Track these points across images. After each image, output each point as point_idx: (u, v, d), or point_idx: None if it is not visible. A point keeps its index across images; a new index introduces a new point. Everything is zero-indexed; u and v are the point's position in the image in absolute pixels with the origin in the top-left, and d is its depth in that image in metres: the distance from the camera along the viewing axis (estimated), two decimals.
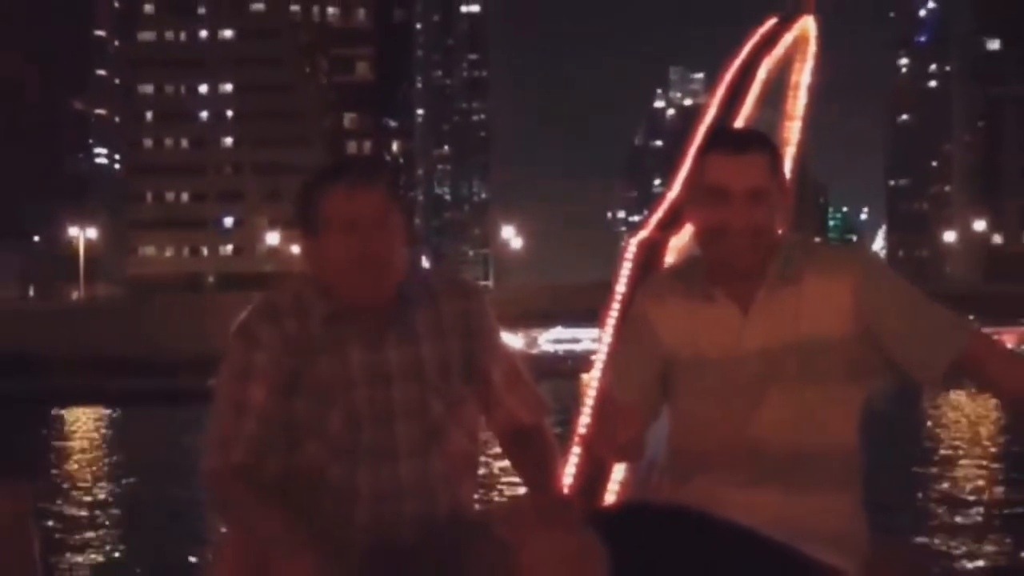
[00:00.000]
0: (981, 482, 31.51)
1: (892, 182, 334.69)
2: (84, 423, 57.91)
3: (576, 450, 5.74)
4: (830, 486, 3.72)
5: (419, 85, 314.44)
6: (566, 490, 4.30)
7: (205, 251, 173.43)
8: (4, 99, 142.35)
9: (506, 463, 4.36)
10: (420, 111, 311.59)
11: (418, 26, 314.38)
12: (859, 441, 3.79)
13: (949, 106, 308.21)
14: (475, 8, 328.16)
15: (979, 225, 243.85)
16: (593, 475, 4.49)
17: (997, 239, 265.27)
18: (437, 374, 3.99)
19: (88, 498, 29.47)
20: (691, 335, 3.75)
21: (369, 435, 3.94)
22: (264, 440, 3.89)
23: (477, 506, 4.32)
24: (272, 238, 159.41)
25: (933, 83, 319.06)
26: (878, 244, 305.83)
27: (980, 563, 19.50)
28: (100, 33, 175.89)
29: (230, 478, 3.85)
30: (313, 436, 3.94)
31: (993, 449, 40.07)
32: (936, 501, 26.55)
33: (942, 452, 38.87)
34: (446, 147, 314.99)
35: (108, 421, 59.16)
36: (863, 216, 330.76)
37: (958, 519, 24.35)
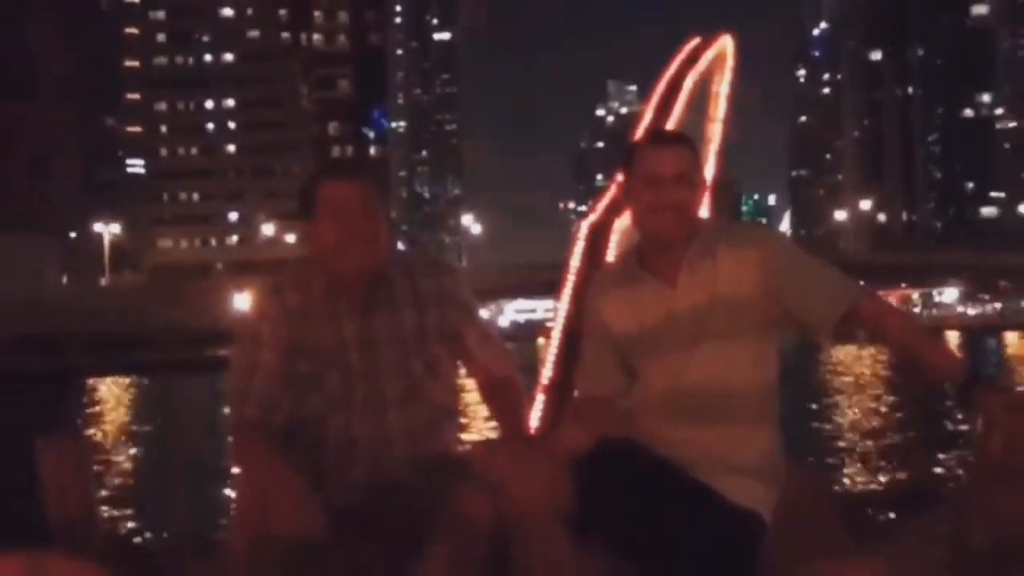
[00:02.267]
0: (872, 418, 31.61)
1: (794, 173, 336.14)
2: (110, 391, 57.53)
3: (541, 397, 5.75)
4: (752, 421, 3.78)
5: (400, 101, 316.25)
6: (533, 431, 4.32)
7: (213, 242, 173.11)
8: (48, 118, 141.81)
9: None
10: (402, 123, 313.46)
11: (399, 51, 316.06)
12: (776, 383, 3.86)
13: (839, 109, 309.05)
14: (446, 36, 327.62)
15: (866, 206, 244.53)
16: (555, 419, 4.51)
17: (881, 218, 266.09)
18: (416, 338, 4.05)
19: (116, 452, 29.25)
20: (632, 313, 3.83)
21: (362, 390, 4.02)
22: (273, 396, 3.97)
23: (461, 447, 4.39)
24: (268, 229, 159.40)
25: (826, 90, 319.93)
26: (784, 225, 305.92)
27: (872, 485, 19.56)
28: (133, 63, 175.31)
29: (245, 430, 3.92)
30: (314, 392, 4.02)
31: (878, 393, 40.20)
32: (834, 434, 26.66)
33: (837, 394, 38.92)
34: (424, 152, 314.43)
35: (132, 388, 58.73)
36: (771, 202, 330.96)
37: (854, 448, 24.48)
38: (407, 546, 3.68)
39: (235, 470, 4.22)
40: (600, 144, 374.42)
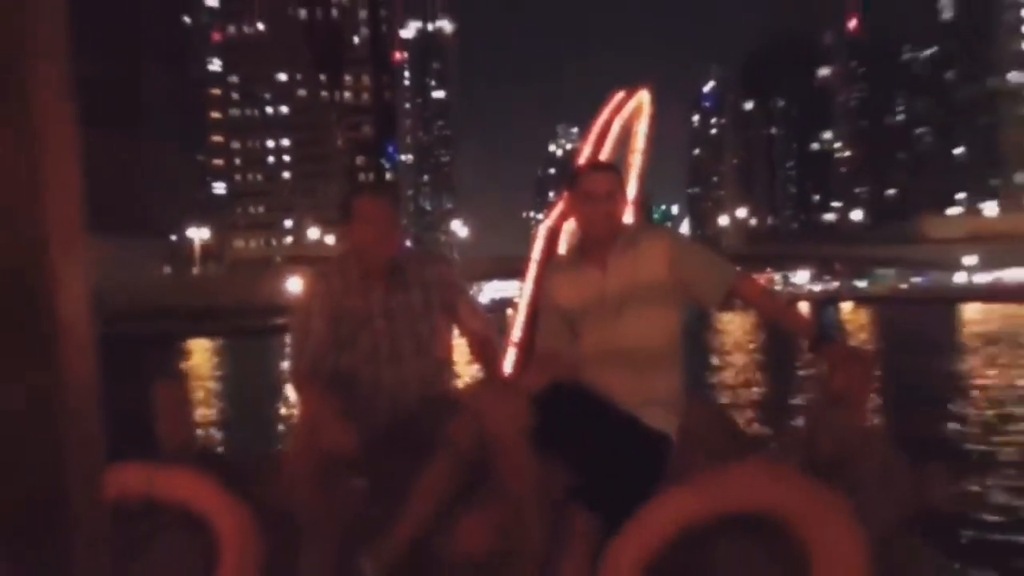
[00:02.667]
0: (745, 369, 31.64)
1: (690, 190, 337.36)
2: (199, 350, 57.40)
3: (512, 352, 5.76)
4: (662, 367, 3.81)
5: (408, 140, 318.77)
6: (506, 376, 4.36)
7: (274, 242, 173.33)
8: (157, 152, 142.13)
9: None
10: (410, 156, 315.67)
11: (407, 105, 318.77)
12: (679, 339, 3.90)
13: (722, 144, 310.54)
14: (442, 94, 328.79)
15: (742, 214, 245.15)
16: (522, 368, 4.54)
17: (753, 221, 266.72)
18: (422, 309, 4.14)
19: (205, 392, 29.09)
20: (575, 291, 3.87)
21: (385, 348, 4.09)
22: (320, 353, 4.04)
23: (454, 389, 4.44)
24: (313, 233, 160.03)
25: (713, 131, 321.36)
26: (684, 228, 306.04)
27: (748, 412, 19.60)
28: (216, 115, 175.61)
29: (303, 377, 3.99)
30: (351, 349, 4.08)
31: (752, 347, 40.30)
32: (722, 376, 26.70)
33: (723, 350, 38.97)
34: (425, 177, 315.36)
35: (215, 348, 58.63)
36: (674, 211, 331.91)
37: (736, 386, 24.52)
38: (417, 460, 3.70)
39: (295, 405, 4.29)
40: (552, 171, 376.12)
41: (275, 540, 3.40)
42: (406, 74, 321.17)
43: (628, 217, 4.47)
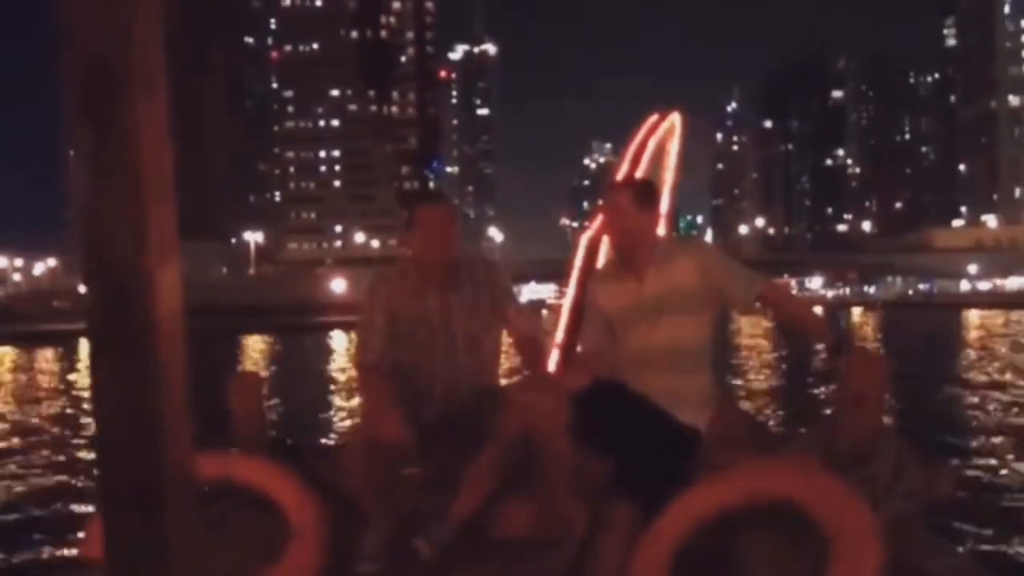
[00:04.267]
0: (766, 369, 31.47)
1: (714, 201, 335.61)
2: (255, 345, 57.62)
3: (555, 352, 5.75)
4: (694, 369, 3.84)
5: (455, 153, 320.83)
6: (550, 372, 4.40)
7: (325, 245, 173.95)
8: (219, 164, 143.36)
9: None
10: (456, 168, 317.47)
11: (455, 121, 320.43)
12: (711, 344, 3.93)
13: (744, 160, 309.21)
14: (486, 111, 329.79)
15: (761, 224, 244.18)
16: (565, 366, 4.55)
17: (771, 231, 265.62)
18: (474, 309, 4.17)
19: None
20: (617, 298, 3.88)
21: (440, 343, 4.13)
22: (383, 347, 4.08)
23: (502, 383, 4.48)
24: (360, 237, 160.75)
25: (735, 147, 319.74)
26: (708, 236, 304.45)
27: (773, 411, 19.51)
28: (274, 127, 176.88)
29: (366, 369, 4.06)
30: (410, 344, 4.12)
31: (772, 351, 40.09)
32: (747, 378, 26.56)
33: (746, 352, 38.77)
34: (470, 187, 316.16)
35: (270, 344, 58.80)
36: (699, 221, 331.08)
37: (762, 387, 24.38)
38: (468, 450, 3.74)
39: (353, 397, 4.33)
40: (586, 182, 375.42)
41: (339, 523, 3.46)
42: (453, 93, 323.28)
43: (663, 229, 4.47)
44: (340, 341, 59.61)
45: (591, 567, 3.24)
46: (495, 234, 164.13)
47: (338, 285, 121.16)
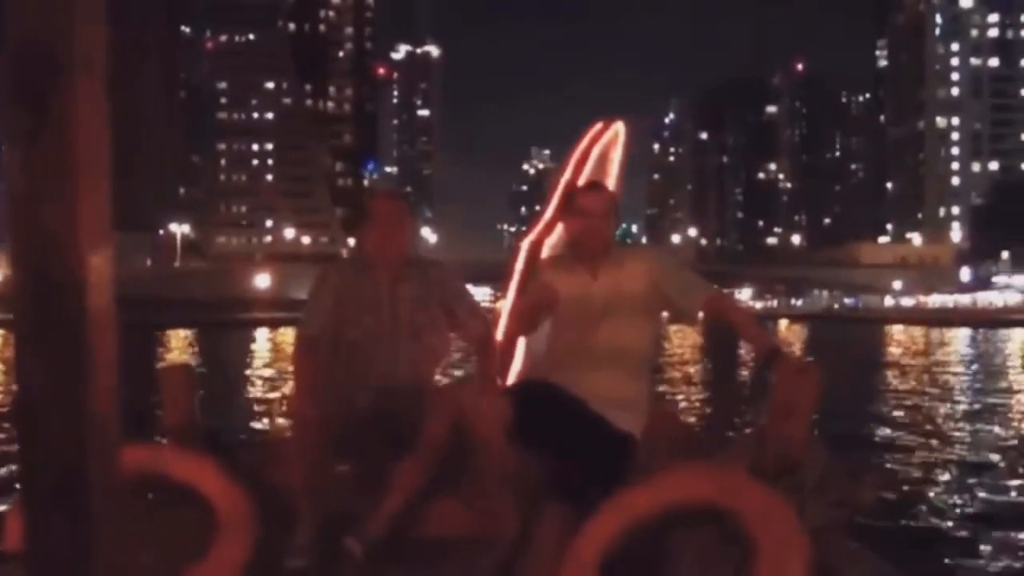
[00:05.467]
0: (699, 378, 31.73)
1: (649, 211, 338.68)
2: (178, 339, 56.85)
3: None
4: (634, 373, 3.89)
5: (395, 153, 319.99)
6: (495, 374, 4.44)
7: (255, 240, 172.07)
8: (147, 156, 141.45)
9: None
10: (395, 168, 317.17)
11: (395, 121, 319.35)
12: (653, 348, 4.03)
13: (679, 171, 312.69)
14: (426, 112, 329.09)
15: (694, 233, 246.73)
16: (503, 368, 4.53)
17: (703, 242, 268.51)
18: (421, 302, 4.27)
19: None
20: (564, 287, 3.94)
21: (386, 329, 4.22)
22: (326, 325, 4.19)
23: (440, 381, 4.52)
24: (289, 233, 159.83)
25: (672, 158, 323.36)
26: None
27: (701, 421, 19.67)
28: (222, 115, 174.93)
29: (305, 343, 4.17)
30: (354, 326, 4.21)
31: (706, 359, 40.46)
32: (680, 384, 26.74)
33: (677, 361, 39.08)
34: (408, 188, 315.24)
35: (193, 338, 58.04)
36: (634, 230, 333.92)
37: (692, 395, 24.56)
38: (401, 447, 3.75)
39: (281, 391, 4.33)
40: (524, 187, 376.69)
41: (269, 518, 3.44)
42: (395, 92, 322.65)
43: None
44: (264, 338, 59.06)
45: (522, 568, 3.26)
46: (428, 235, 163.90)
47: (263, 281, 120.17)
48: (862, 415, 20.23)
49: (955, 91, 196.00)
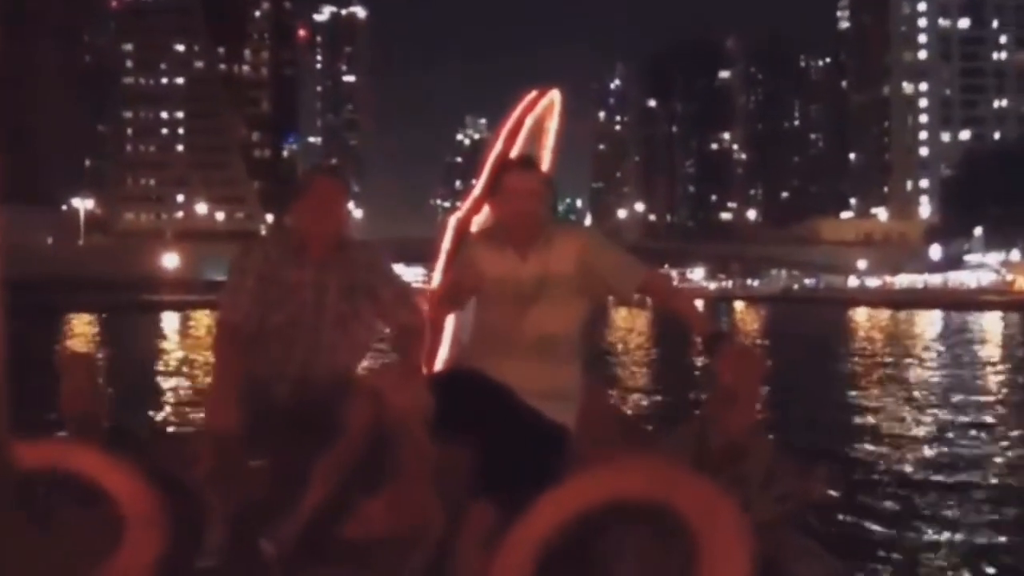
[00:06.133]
0: (639, 364, 31.95)
1: (594, 184, 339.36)
2: (81, 323, 56.09)
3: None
4: (565, 359, 3.94)
5: (318, 123, 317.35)
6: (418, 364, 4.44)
7: (164, 216, 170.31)
8: (49, 124, 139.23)
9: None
10: (319, 139, 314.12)
11: (319, 88, 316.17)
12: (583, 336, 4.06)
13: (627, 140, 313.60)
14: (352, 78, 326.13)
15: (642, 208, 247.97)
16: (429, 355, 4.52)
17: (652, 217, 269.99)
18: (346, 289, 4.27)
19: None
20: (491, 267, 3.97)
21: (309, 314, 4.23)
22: (248, 310, 4.16)
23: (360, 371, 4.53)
24: (203, 208, 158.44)
25: (618, 127, 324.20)
26: (587, 221, 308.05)
27: (642, 407, 19.82)
28: (128, 81, 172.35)
29: (226, 331, 4.13)
30: (278, 311, 4.20)
31: (646, 344, 40.75)
32: (614, 378, 26.93)
33: (618, 346, 39.28)
34: (334, 160, 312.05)
35: (97, 322, 57.29)
36: (578, 204, 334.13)
37: (630, 382, 24.74)
38: (319, 441, 3.77)
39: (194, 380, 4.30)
40: (459, 159, 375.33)
41: (180, 516, 3.44)
42: (318, 57, 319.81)
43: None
44: (173, 323, 58.45)
45: (449, 568, 3.29)
46: (355, 211, 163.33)
47: (172, 261, 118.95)
48: (815, 403, 20.53)
49: (922, 54, 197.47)
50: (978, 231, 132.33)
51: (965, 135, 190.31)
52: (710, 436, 3.44)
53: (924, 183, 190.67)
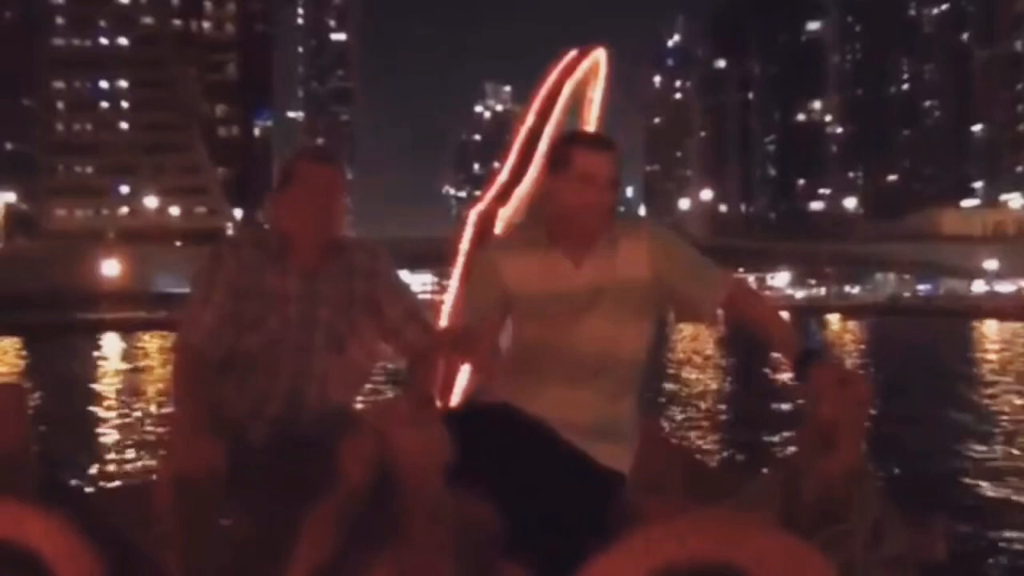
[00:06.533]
0: (709, 392, 31.87)
1: (648, 168, 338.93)
2: (1, 348, 56.43)
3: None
4: (622, 390, 3.93)
5: (300, 94, 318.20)
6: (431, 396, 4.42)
7: (106, 212, 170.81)
8: None
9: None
10: (300, 113, 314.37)
11: (300, 49, 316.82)
12: (645, 357, 4.01)
13: (689, 112, 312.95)
14: (343, 36, 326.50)
15: (709, 197, 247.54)
16: (446, 382, 4.55)
17: (723, 208, 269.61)
18: (343, 304, 4.25)
19: None
20: (533, 278, 3.90)
21: (294, 335, 4.20)
22: (216, 329, 4.11)
23: (358, 405, 4.53)
24: (152, 202, 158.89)
25: (678, 95, 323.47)
26: (641, 213, 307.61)
27: (716, 451, 19.79)
28: (58, 42, 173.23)
29: (187, 356, 4.10)
30: (255, 331, 4.18)
31: (717, 364, 40.64)
32: (677, 408, 26.85)
33: (682, 365, 39.22)
34: (320, 140, 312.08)
35: (22, 347, 57.55)
36: (628, 194, 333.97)
37: (701, 415, 24.66)
38: (308, 493, 3.78)
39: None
40: (477, 137, 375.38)
41: None
42: (299, 11, 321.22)
43: None
44: (115, 347, 58.70)
45: None
46: (347, 203, 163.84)
47: (113, 268, 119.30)
48: (932, 441, 20.44)
49: None
50: None
51: None
52: (802, 484, 3.43)
53: None
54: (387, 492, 3.62)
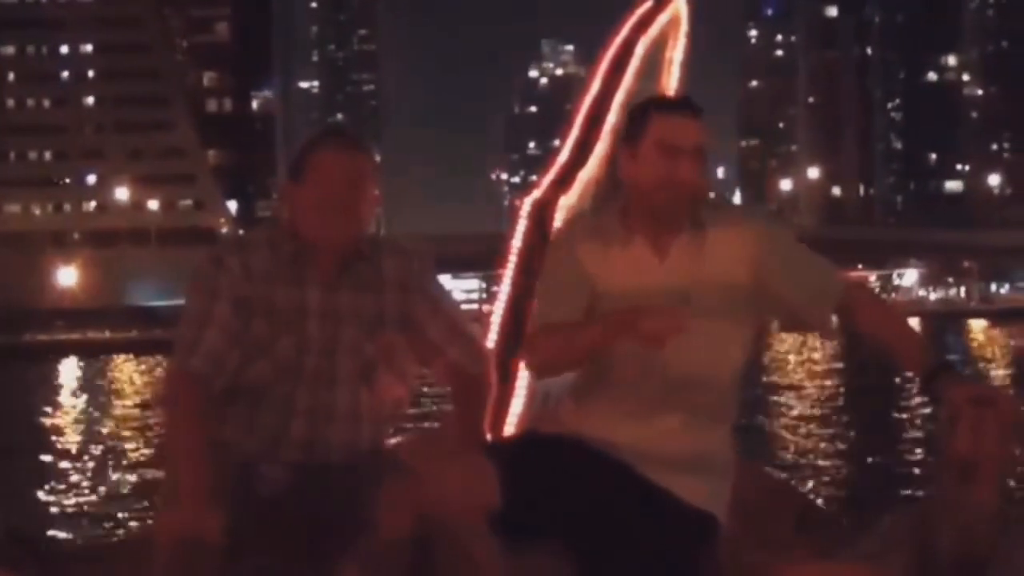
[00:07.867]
0: (826, 412, 31.78)
1: (744, 143, 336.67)
2: None
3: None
4: (715, 413, 3.94)
5: (315, 59, 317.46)
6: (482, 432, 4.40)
7: (68, 208, 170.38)
8: None
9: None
10: (315, 83, 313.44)
11: (312, 4, 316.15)
12: (741, 373, 4.01)
13: (794, 73, 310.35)
14: None
15: (819, 177, 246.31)
16: (496, 409, 4.52)
17: (837, 191, 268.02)
18: (371, 320, 4.17)
19: None
20: (609, 273, 3.89)
21: (313, 362, 4.13)
22: (221, 352, 4.05)
23: (392, 440, 4.53)
24: (123, 195, 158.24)
25: (779, 52, 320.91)
26: (735, 200, 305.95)
27: (829, 485, 19.77)
28: None
29: (185, 385, 4.04)
30: (264, 356, 4.11)
31: (830, 379, 40.54)
32: (788, 430, 26.84)
33: (789, 386, 39.10)
34: (340, 115, 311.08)
35: None
36: (720, 175, 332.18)
37: (810, 446, 24.62)
38: (335, 546, 3.82)
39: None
40: (533, 108, 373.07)
41: None
42: None
43: None
44: (74, 375, 58.88)
45: None
46: (376, 195, 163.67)
47: (71, 277, 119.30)
48: None
49: None
50: None
51: None
52: (939, 530, 3.44)
53: None
54: (429, 545, 3.67)
